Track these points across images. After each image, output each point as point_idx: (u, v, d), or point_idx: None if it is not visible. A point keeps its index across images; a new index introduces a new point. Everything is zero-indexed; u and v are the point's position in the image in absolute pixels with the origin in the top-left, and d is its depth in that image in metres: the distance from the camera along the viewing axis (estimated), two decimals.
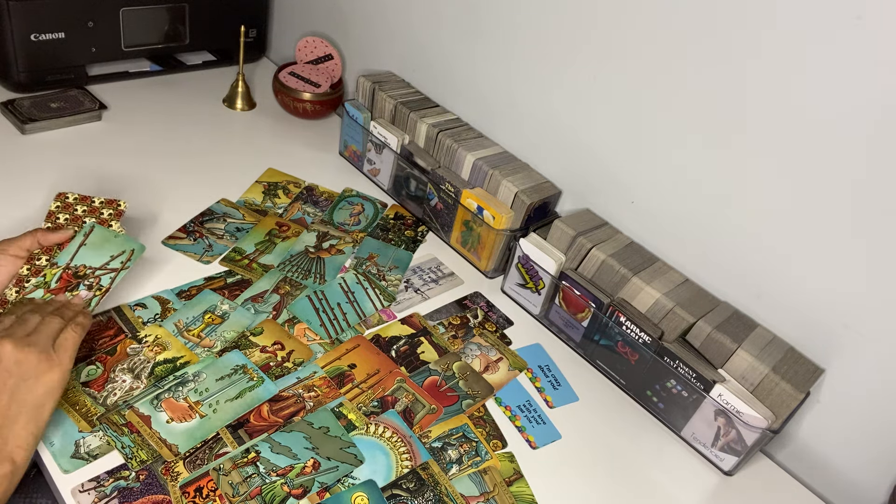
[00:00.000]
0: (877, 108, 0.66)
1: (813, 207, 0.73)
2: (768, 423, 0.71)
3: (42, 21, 1.05)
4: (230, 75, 1.24)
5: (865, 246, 0.70)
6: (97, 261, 0.74)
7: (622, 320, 0.80)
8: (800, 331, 0.78)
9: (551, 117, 0.96)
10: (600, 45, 0.87)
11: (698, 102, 0.79)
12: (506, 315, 0.92)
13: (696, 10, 0.76)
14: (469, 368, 0.82)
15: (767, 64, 0.72)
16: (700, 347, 0.78)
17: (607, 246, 0.86)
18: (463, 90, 1.07)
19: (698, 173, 0.82)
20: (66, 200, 0.80)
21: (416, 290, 0.92)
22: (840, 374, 0.76)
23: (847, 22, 0.66)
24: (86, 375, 0.70)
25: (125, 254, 0.75)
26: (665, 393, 0.79)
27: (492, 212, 0.92)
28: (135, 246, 0.77)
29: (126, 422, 0.67)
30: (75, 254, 0.74)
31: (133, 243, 0.77)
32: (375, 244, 0.98)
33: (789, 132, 0.73)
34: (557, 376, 0.84)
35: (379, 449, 0.70)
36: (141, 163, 1.02)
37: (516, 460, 0.73)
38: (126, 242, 0.77)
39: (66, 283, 0.71)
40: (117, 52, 1.16)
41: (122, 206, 0.81)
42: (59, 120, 1.05)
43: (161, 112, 1.16)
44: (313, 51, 1.23)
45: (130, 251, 0.76)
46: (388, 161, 1.06)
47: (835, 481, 0.79)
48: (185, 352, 0.75)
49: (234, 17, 1.24)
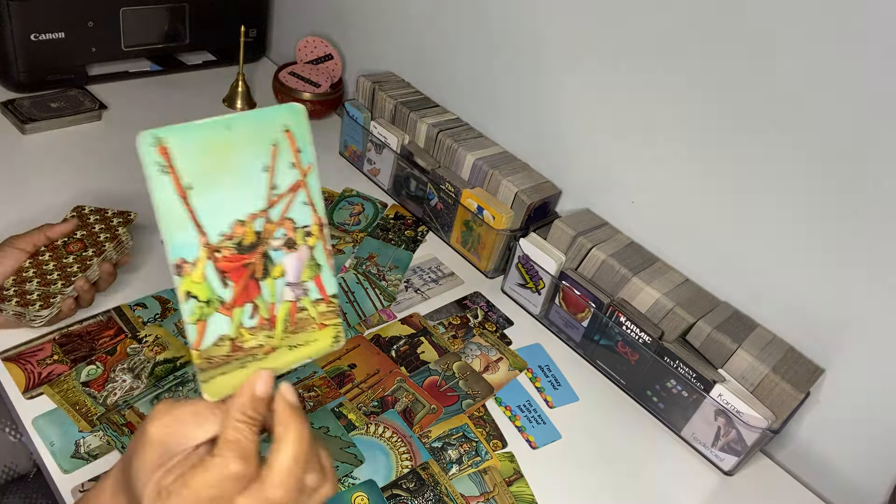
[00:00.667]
0: (877, 108, 0.66)
1: (813, 207, 0.73)
2: (768, 423, 0.71)
3: (42, 21, 1.05)
4: (230, 75, 1.24)
5: (866, 246, 0.70)
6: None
7: (622, 320, 0.80)
8: (800, 331, 0.78)
9: (551, 117, 0.96)
10: (600, 44, 0.87)
11: (698, 102, 0.79)
12: (506, 315, 0.92)
13: (695, 10, 0.76)
14: (469, 368, 0.82)
15: (768, 64, 0.72)
16: (700, 347, 0.78)
17: (607, 246, 0.86)
18: (463, 90, 1.07)
19: (698, 173, 0.82)
20: (81, 211, 0.81)
21: (416, 290, 0.92)
22: (840, 374, 0.76)
23: (846, 22, 0.66)
24: (86, 375, 0.70)
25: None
26: (665, 393, 0.79)
27: (492, 212, 0.92)
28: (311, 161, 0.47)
29: (126, 422, 0.67)
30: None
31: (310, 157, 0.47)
32: (375, 244, 0.98)
33: (789, 132, 0.73)
34: (557, 376, 0.84)
35: (379, 449, 0.70)
36: (141, 163, 1.02)
37: (516, 460, 0.73)
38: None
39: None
40: (117, 52, 1.16)
41: (132, 217, 0.81)
42: (59, 120, 1.05)
43: (161, 112, 1.16)
44: (313, 51, 1.23)
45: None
46: (388, 161, 1.06)
47: (835, 481, 0.79)
48: (185, 352, 0.75)
49: (234, 17, 1.24)
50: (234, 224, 0.42)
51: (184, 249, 0.41)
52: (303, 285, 0.46)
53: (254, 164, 0.42)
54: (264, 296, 0.44)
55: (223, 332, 0.43)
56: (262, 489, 0.42)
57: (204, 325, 0.42)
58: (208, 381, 0.43)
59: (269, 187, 0.43)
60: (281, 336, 0.45)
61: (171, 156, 0.40)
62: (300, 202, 0.45)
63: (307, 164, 0.44)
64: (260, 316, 0.44)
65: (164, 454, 0.42)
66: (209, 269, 0.42)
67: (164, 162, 0.40)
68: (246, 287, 0.43)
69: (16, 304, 0.69)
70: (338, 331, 0.48)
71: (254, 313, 0.44)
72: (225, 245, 0.42)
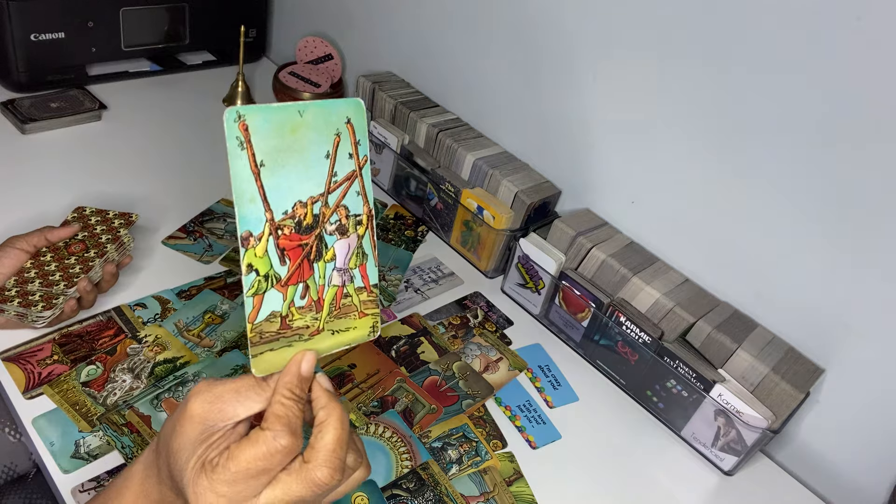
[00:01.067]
0: (877, 108, 0.66)
1: (813, 207, 0.73)
2: (768, 423, 0.71)
3: (42, 21, 1.05)
4: (230, 75, 1.24)
5: (866, 246, 0.70)
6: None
7: (622, 320, 0.80)
8: (800, 331, 0.78)
9: (551, 117, 0.96)
10: (600, 45, 0.87)
11: (699, 102, 0.79)
12: (506, 315, 0.92)
13: (695, 11, 0.76)
14: (469, 368, 0.82)
15: (768, 64, 0.72)
16: (700, 347, 0.78)
17: (607, 246, 0.86)
18: (463, 90, 1.07)
19: (698, 173, 0.82)
20: (83, 213, 0.81)
21: (416, 290, 0.92)
22: (840, 374, 0.76)
23: (847, 22, 0.66)
24: (86, 375, 0.70)
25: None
26: (665, 393, 0.79)
27: (492, 212, 0.92)
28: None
29: (126, 422, 0.67)
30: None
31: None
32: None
33: (789, 131, 0.73)
34: (557, 376, 0.84)
35: (379, 449, 0.70)
36: (141, 163, 1.02)
37: (516, 460, 0.73)
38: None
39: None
40: (117, 52, 1.16)
41: (133, 218, 0.81)
42: (59, 120, 1.05)
43: (161, 112, 1.16)
44: (313, 51, 1.23)
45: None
46: (388, 161, 1.06)
47: (835, 481, 0.79)
48: (185, 352, 0.75)
49: (234, 17, 1.24)
50: (296, 204, 0.44)
51: (251, 223, 0.43)
52: (350, 272, 0.48)
53: (318, 151, 0.45)
54: (315, 277, 0.47)
55: (276, 308, 0.45)
56: (307, 468, 0.43)
57: (260, 300, 0.44)
58: (257, 357, 0.45)
59: (329, 174, 0.46)
60: (326, 319, 0.48)
61: (250, 132, 0.42)
62: (354, 192, 0.47)
63: (363, 156, 0.47)
64: (309, 297, 0.47)
65: (206, 430, 0.43)
66: (270, 245, 0.44)
67: (243, 137, 0.42)
68: (300, 267, 0.46)
69: (18, 305, 0.69)
70: (375, 321, 0.50)
71: (304, 293, 0.46)
72: (286, 223, 0.45)
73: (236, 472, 0.42)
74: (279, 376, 0.45)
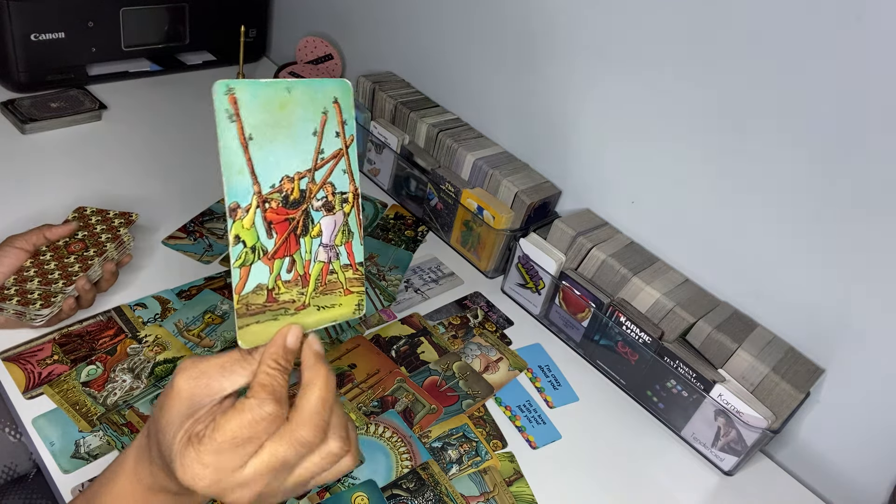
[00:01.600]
0: (878, 108, 0.66)
1: (813, 206, 0.73)
2: (768, 423, 0.71)
3: (42, 21, 1.05)
4: (230, 75, 1.24)
5: (866, 246, 0.70)
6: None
7: (622, 320, 0.80)
8: (800, 331, 0.78)
9: (551, 117, 0.96)
10: (600, 46, 0.87)
11: (699, 102, 0.79)
12: (506, 315, 0.92)
13: (695, 11, 0.76)
14: (469, 368, 0.82)
15: (768, 64, 0.72)
16: (700, 347, 0.78)
17: (607, 246, 0.86)
18: (463, 90, 1.07)
19: (698, 173, 0.82)
20: (83, 213, 0.81)
21: (416, 290, 0.92)
22: (840, 374, 0.76)
23: (847, 22, 0.66)
24: (86, 375, 0.70)
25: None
26: (665, 393, 0.79)
27: (492, 212, 0.92)
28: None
29: (126, 422, 0.67)
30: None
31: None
32: (375, 244, 0.98)
33: (789, 131, 0.73)
34: (557, 376, 0.84)
35: (379, 449, 0.70)
36: (141, 162, 1.02)
37: (516, 460, 0.73)
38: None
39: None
40: (117, 52, 1.16)
41: (133, 218, 0.82)
42: (59, 120, 1.05)
43: (161, 112, 1.16)
44: (313, 51, 1.23)
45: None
46: (388, 161, 1.06)
47: (835, 481, 0.79)
48: (186, 352, 0.75)
49: (234, 17, 1.24)
50: (283, 179, 0.46)
51: (239, 194, 0.44)
52: (335, 248, 0.49)
53: (306, 127, 0.46)
54: (302, 252, 0.48)
55: (262, 280, 0.46)
56: (290, 428, 0.43)
57: (247, 272, 0.46)
58: (244, 328, 0.46)
59: (316, 151, 0.47)
60: (311, 294, 0.49)
61: (239, 105, 0.43)
62: (340, 170, 0.48)
63: (349, 135, 0.48)
64: (296, 271, 0.48)
65: (193, 405, 0.44)
66: (258, 218, 0.45)
67: (232, 110, 0.43)
68: (287, 241, 0.47)
69: (16, 304, 0.69)
70: (360, 299, 0.51)
71: (290, 267, 0.48)
72: (273, 197, 0.46)
73: (222, 441, 0.42)
74: (265, 348, 0.46)
